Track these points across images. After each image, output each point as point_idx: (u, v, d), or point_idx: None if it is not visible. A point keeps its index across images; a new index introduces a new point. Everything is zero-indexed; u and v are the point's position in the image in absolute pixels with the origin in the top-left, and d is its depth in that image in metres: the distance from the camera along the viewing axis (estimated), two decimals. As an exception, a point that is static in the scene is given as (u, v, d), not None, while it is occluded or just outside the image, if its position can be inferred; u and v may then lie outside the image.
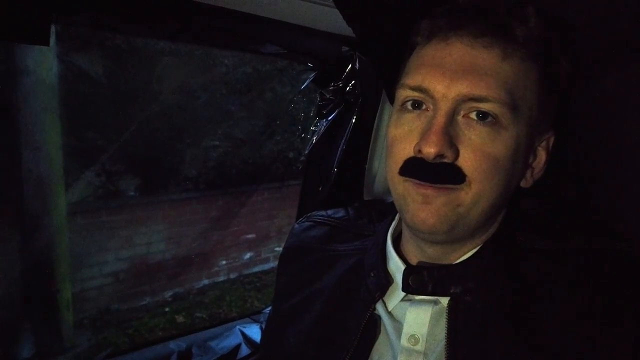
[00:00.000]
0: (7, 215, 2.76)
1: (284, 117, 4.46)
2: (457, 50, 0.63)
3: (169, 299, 3.88)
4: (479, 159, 0.61)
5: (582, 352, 0.60)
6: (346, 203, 1.03)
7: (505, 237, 0.71)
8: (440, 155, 0.60)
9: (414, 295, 0.71)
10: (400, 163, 0.65)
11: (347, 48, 1.30)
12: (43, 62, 2.64)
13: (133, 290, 3.70)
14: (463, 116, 0.62)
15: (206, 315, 3.81)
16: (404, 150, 0.65)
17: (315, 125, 1.45)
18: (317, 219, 0.95)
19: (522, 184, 0.69)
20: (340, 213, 0.95)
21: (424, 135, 0.61)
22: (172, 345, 1.47)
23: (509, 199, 0.69)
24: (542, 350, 0.61)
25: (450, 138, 0.60)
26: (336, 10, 0.88)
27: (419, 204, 0.63)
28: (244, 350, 1.50)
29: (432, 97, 0.62)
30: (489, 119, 0.61)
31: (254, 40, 1.24)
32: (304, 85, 1.44)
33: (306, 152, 1.45)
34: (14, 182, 2.70)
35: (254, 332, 1.58)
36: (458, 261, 0.70)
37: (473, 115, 0.61)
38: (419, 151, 0.61)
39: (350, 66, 1.32)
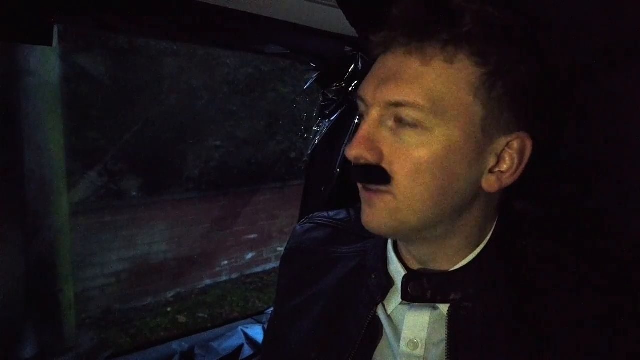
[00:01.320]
0: (9, 215, 2.77)
1: (287, 117, 4.47)
2: (388, 61, 0.65)
3: (171, 299, 3.89)
4: (401, 161, 0.62)
5: (585, 358, 0.60)
6: (349, 204, 1.02)
7: (505, 241, 0.70)
8: (360, 158, 0.63)
9: None
10: None
11: (349, 48, 1.30)
12: (46, 63, 2.65)
13: (135, 290, 3.70)
14: (393, 121, 0.64)
15: (208, 316, 3.82)
16: None
17: (318, 126, 1.45)
18: (319, 220, 0.94)
19: (486, 188, 0.66)
20: (342, 214, 0.95)
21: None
22: (175, 345, 1.47)
23: (469, 202, 0.66)
24: (544, 356, 0.61)
25: (374, 142, 0.63)
26: (339, 10, 0.88)
27: (365, 206, 0.68)
28: (247, 351, 1.50)
29: (366, 105, 0.66)
30: (410, 122, 0.62)
31: (256, 40, 1.24)
32: (307, 86, 1.44)
33: (309, 152, 1.45)
34: (16, 182, 2.70)
35: (257, 332, 1.58)
36: (457, 267, 0.69)
37: (397, 120, 0.63)
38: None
39: (353, 66, 1.32)
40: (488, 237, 0.70)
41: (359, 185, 0.68)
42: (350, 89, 1.34)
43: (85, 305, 3.35)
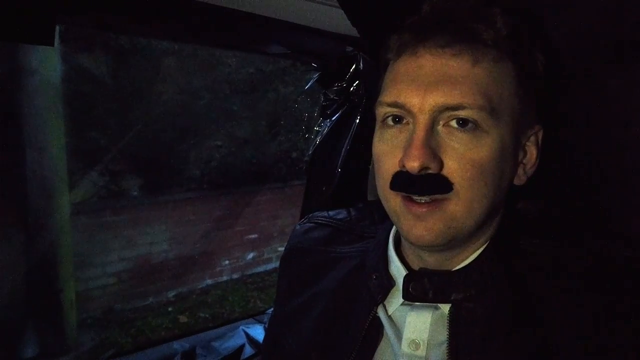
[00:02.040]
0: (11, 215, 2.77)
1: (288, 117, 4.47)
2: (427, 62, 0.63)
3: (172, 299, 3.89)
4: (463, 166, 0.61)
5: (585, 358, 0.60)
6: (350, 203, 1.02)
7: (507, 242, 0.71)
8: (424, 168, 0.60)
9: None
10: (389, 178, 0.65)
11: (351, 48, 1.30)
12: (47, 63, 2.65)
13: (136, 290, 3.71)
14: (443, 125, 0.62)
15: (209, 315, 3.82)
16: (391, 165, 0.65)
17: (319, 126, 1.45)
18: (319, 220, 0.94)
19: (516, 181, 0.69)
20: (342, 214, 0.94)
21: (406, 150, 0.61)
22: (176, 345, 1.47)
23: (504, 199, 0.69)
24: (544, 357, 0.61)
25: (433, 149, 0.61)
26: (340, 10, 0.89)
27: (413, 221, 0.64)
28: (248, 350, 1.50)
29: (410, 111, 0.63)
30: (469, 125, 0.61)
31: (258, 40, 1.24)
32: (308, 86, 1.45)
33: (310, 152, 1.45)
34: (18, 182, 2.71)
35: (258, 332, 1.58)
36: (459, 267, 0.69)
37: (453, 124, 0.62)
38: (404, 166, 0.62)
39: (354, 66, 1.32)
40: (491, 235, 0.70)
41: (399, 198, 0.65)
42: (351, 89, 1.34)
43: (87, 305, 3.36)
